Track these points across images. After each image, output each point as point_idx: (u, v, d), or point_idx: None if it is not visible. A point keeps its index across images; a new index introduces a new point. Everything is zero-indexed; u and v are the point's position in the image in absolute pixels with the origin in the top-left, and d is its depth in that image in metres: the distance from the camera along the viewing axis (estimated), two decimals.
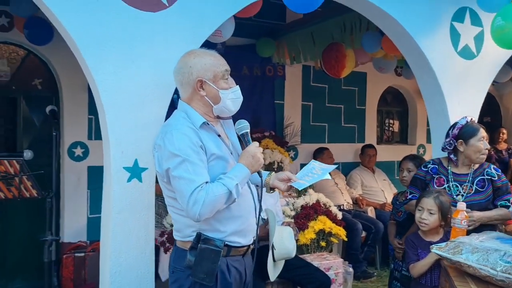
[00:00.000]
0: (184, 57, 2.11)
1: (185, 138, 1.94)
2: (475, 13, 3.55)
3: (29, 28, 4.21)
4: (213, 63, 2.08)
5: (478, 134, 2.88)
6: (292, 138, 5.99)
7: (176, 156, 1.92)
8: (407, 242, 2.83)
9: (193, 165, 1.92)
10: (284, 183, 2.22)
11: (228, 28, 3.59)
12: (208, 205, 1.89)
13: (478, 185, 2.91)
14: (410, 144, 7.22)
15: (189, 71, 2.05)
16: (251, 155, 2.04)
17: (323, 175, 2.26)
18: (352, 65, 5.01)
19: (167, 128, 2.01)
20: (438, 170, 3.01)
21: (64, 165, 4.78)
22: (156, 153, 2.02)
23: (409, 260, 2.77)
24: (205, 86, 2.06)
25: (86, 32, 2.39)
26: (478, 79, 3.63)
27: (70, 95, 4.78)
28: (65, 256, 4.32)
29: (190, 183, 1.89)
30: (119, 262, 2.51)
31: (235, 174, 1.98)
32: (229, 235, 2.04)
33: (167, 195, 2.09)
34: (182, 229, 2.07)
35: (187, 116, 2.05)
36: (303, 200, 4.76)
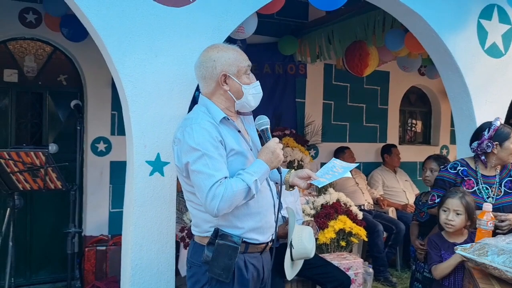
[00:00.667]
0: (206, 51, 2.10)
1: (205, 133, 1.93)
2: (503, 10, 3.47)
3: (67, 26, 4.33)
4: (236, 57, 2.07)
5: (510, 136, 2.86)
6: (313, 137, 5.96)
7: (196, 150, 1.91)
8: (430, 243, 2.77)
9: (212, 160, 1.91)
10: (303, 181, 2.19)
11: (251, 25, 3.59)
12: (227, 201, 1.88)
13: (506, 187, 2.87)
14: (433, 145, 7.11)
15: (212, 65, 2.04)
16: (270, 151, 2.03)
17: (344, 173, 2.23)
18: (375, 63, 4.95)
19: (187, 122, 2.00)
20: (467, 172, 2.95)
21: (87, 159, 4.85)
22: (176, 147, 2.02)
23: (431, 261, 2.72)
24: (229, 80, 2.06)
25: (111, 26, 2.42)
26: (505, 78, 3.55)
27: (94, 91, 4.86)
28: (87, 249, 4.39)
29: (209, 178, 1.89)
30: (140, 255, 2.53)
31: (254, 170, 1.97)
32: (247, 231, 2.03)
33: (186, 190, 2.09)
34: (200, 224, 2.07)
35: (208, 110, 2.04)
36: (323, 199, 4.72)
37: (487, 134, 2.87)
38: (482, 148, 2.88)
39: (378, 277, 4.86)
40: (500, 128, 2.87)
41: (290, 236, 2.96)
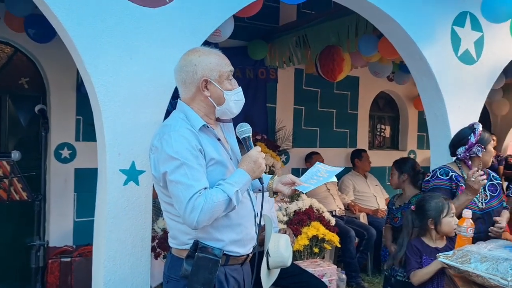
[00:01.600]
0: (187, 54, 2.00)
1: (184, 141, 1.83)
2: (475, 17, 3.53)
3: (32, 27, 4.11)
4: (218, 62, 1.98)
5: (491, 139, 2.95)
6: (284, 142, 5.93)
7: (174, 159, 1.81)
8: (410, 248, 2.73)
9: (192, 170, 1.81)
10: (287, 187, 2.12)
11: (228, 28, 3.51)
12: (207, 212, 1.79)
13: (490, 190, 2.91)
14: (401, 150, 7.22)
15: (193, 70, 1.94)
16: (252, 161, 1.93)
17: (329, 177, 2.17)
18: (348, 69, 4.98)
19: (165, 129, 1.89)
20: (459, 178, 2.93)
21: (50, 167, 4.63)
22: (153, 155, 1.90)
23: (410, 267, 2.69)
24: (210, 86, 1.96)
25: (83, 27, 2.29)
26: (478, 84, 3.61)
27: (58, 95, 4.66)
28: (51, 261, 4.16)
29: (188, 189, 1.79)
30: (113, 270, 2.39)
31: (235, 180, 1.88)
32: (227, 244, 1.94)
33: (163, 200, 1.97)
34: (178, 236, 1.96)
35: (186, 117, 1.94)
36: (296, 205, 4.68)
37: (473, 139, 2.89)
38: (472, 153, 2.90)
39: (351, 282, 4.84)
40: (483, 132, 2.92)
41: (267, 245, 2.89)
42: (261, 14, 4.16)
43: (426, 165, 6.03)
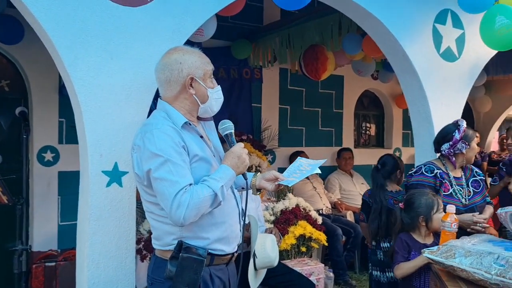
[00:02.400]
0: (170, 53, 1.99)
1: (167, 138, 1.83)
2: (456, 15, 3.55)
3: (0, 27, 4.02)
4: (202, 60, 2.00)
5: (474, 136, 2.99)
6: (270, 142, 5.93)
7: (158, 156, 1.80)
8: (399, 242, 2.73)
9: (176, 166, 1.80)
10: (271, 183, 2.13)
11: (210, 27, 3.49)
12: (193, 209, 1.78)
13: (473, 186, 2.93)
14: (386, 148, 7.26)
15: (179, 68, 1.94)
16: (236, 156, 1.95)
17: (313, 170, 2.18)
18: (332, 67, 4.99)
19: (147, 128, 1.89)
20: (443, 175, 2.95)
21: (33, 170, 4.56)
22: (135, 154, 1.89)
23: (396, 260, 2.70)
24: (195, 84, 1.97)
25: (62, 27, 2.24)
26: (460, 81, 3.64)
27: (40, 97, 4.59)
28: (35, 266, 4.10)
29: (174, 185, 1.78)
30: (97, 273, 2.35)
31: (220, 175, 1.88)
32: (212, 242, 1.93)
33: (146, 200, 1.95)
34: (162, 237, 1.94)
35: (168, 115, 1.94)
36: (283, 204, 4.69)
37: (458, 135, 2.91)
38: (457, 149, 2.92)
39: (338, 280, 4.86)
40: (467, 129, 2.95)
41: (253, 246, 2.88)
42: (245, 14, 4.17)
43: (411, 162, 6.08)
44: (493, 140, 8.36)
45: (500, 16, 2.90)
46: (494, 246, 2.23)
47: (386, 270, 3.33)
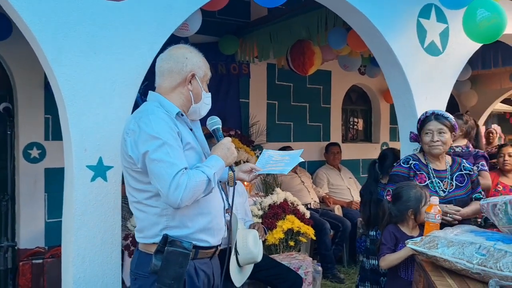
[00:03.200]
0: (178, 47, 2.07)
1: (163, 123, 1.87)
2: (440, 10, 3.59)
3: None
4: (205, 64, 2.09)
5: (425, 126, 2.92)
6: (258, 137, 5.93)
7: (156, 138, 1.83)
8: (386, 233, 2.73)
9: (173, 149, 1.84)
10: (247, 174, 2.20)
11: (195, 22, 3.48)
12: (190, 190, 1.81)
13: (457, 180, 2.91)
14: (374, 142, 7.31)
15: (184, 62, 2.01)
16: (226, 147, 2.01)
17: (296, 160, 2.25)
18: (319, 62, 5.01)
19: (141, 114, 1.92)
20: (419, 167, 2.96)
21: (19, 167, 4.53)
22: (129, 138, 1.90)
23: (382, 252, 2.72)
24: (194, 81, 2.04)
25: (45, 21, 2.23)
26: (444, 75, 3.68)
27: (25, 93, 4.55)
28: (22, 263, 4.07)
29: (172, 167, 1.81)
30: (83, 268, 2.35)
31: (212, 164, 1.93)
32: (197, 231, 1.94)
33: (133, 188, 1.95)
34: (147, 228, 1.95)
35: (161, 105, 1.98)
36: (271, 199, 4.70)
37: (418, 126, 3.00)
38: (420, 140, 3.00)
39: (327, 274, 4.89)
40: (420, 120, 3.00)
41: (233, 242, 2.89)
42: (232, 9, 4.17)
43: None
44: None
45: (481, 9, 2.94)
46: (476, 236, 2.26)
47: (370, 257, 3.38)
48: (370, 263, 3.37)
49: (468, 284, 2.02)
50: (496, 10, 2.93)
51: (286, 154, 2.29)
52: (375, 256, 3.30)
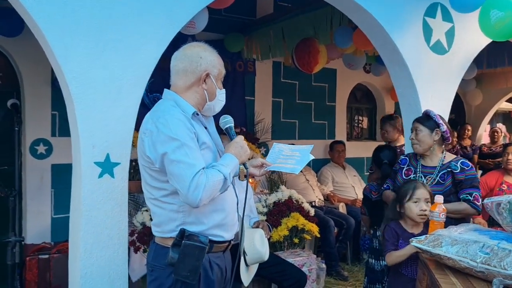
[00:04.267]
0: (193, 46, 2.08)
1: (180, 123, 1.90)
2: (446, 9, 3.59)
3: None
4: (219, 61, 2.11)
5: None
6: (263, 135, 5.95)
7: (174, 139, 1.87)
8: (388, 231, 2.77)
9: (191, 150, 1.88)
10: (258, 169, 2.22)
11: (202, 20, 3.50)
12: (208, 190, 1.85)
13: (440, 178, 2.99)
14: (378, 141, 7.27)
15: (198, 61, 2.03)
16: (239, 146, 2.04)
17: (307, 157, 2.25)
18: (324, 61, 5.01)
19: (158, 114, 1.95)
20: (408, 162, 3.15)
21: (26, 163, 4.56)
22: (147, 138, 1.93)
23: (386, 248, 2.75)
24: (208, 80, 2.06)
25: (53, 18, 2.25)
26: (449, 74, 3.68)
27: (32, 90, 4.58)
28: (29, 258, 4.11)
29: (191, 167, 1.84)
30: (90, 263, 2.38)
31: (227, 162, 1.97)
32: (212, 227, 1.99)
33: (150, 186, 2.00)
34: (164, 224, 2.00)
35: (177, 104, 2.00)
36: (276, 196, 4.71)
37: None
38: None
39: (331, 271, 4.91)
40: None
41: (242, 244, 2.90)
42: (238, 7, 4.18)
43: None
44: (484, 133, 8.43)
45: (493, 10, 2.94)
46: (479, 235, 2.27)
47: (380, 258, 3.40)
48: (380, 264, 3.37)
49: (472, 283, 2.03)
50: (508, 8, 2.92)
51: (297, 149, 2.29)
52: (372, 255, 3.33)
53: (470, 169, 3.02)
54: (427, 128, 3.02)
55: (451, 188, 2.96)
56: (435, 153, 3.05)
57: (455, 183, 2.96)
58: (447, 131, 3.03)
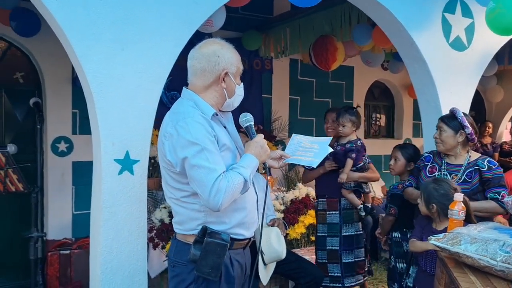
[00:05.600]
0: (210, 44, 2.05)
1: (200, 127, 1.90)
2: (465, 4, 3.54)
3: (16, 19, 4.10)
4: (236, 58, 2.08)
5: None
6: (280, 132, 5.95)
7: (195, 144, 1.87)
8: (419, 219, 2.82)
9: (212, 154, 1.88)
10: (276, 161, 2.22)
11: (219, 18, 3.52)
12: (229, 194, 1.86)
13: (467, 176, 2.94)
14: (396, 138, 7.25)
15: (216, 60, 2.00)
16: (259, 145, 2.03)
17: (324, 149, 2.25)
18: (342, 58, 4.99)
19: (179, 116, 1.94)
20: (432, 159, 3.10)
21: (47, 160, 4.66)
22: (167, 142, 1.94)
23: (413, 234, 2.77)
24: (227, 78, 2.04)
25: (74, 18, 2.30)
26: (469, 70, 3.63)
27: (53, 88, 4.66)
28: (50, 253, 4.21)
29: (212, 172, 1.85)
30: (110, 258, 2.43)
31: (247, 163, 1.96)
32: (233, 226, 2.01)
33: (171, 186, 2.01)
34: (185, 222, 2.01)
35: (196, 105, 2.00)
36: (293, 194, 4.72)
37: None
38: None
39: None
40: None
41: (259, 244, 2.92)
42: (255, 5, 4.18)
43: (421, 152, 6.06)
44: (505, 131, 8.28)
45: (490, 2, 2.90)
46: (500, 233, 2.24)
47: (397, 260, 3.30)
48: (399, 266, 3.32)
49: (492, 282, 2.01)
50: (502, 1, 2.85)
51: (316, 141, 2.29)
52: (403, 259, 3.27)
53: (497, 168, 2.98)
54: (451, 129, 2.97)
55: (478, 186, 2.92)
56: (459, 152, 3.01)
57: (482, 182, 2.92)
58: (471, 133, 2.96)
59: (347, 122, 3.61)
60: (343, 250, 3.60)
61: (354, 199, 3.63)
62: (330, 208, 3.69)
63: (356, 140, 3.65)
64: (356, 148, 3.59)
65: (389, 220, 3.41)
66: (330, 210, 3.69)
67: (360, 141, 3.68)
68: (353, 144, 3.61)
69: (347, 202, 3.65)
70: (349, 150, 3.57)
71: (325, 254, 3.67)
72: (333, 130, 3.81)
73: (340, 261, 3.60)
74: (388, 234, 3.46)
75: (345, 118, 3.61)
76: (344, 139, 3.68)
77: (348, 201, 3.64)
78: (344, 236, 3.61)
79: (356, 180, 3.61)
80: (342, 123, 3.62)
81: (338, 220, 3.64)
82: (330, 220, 3.68)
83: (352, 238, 3.63)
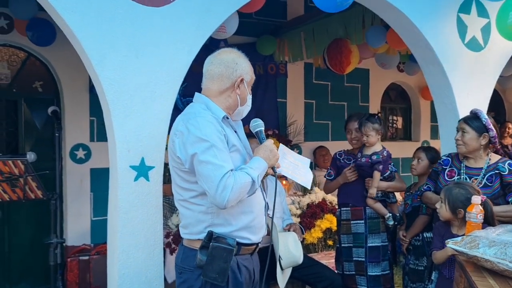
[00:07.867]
0: (227, 52, 2.13)
1: (211, 125, 1.94)
2: (481, 4, 3.50)
3: (32, 29, 4.19)
4: (250, 68, 2.16)
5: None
6: (296, 137, 5.95)
7: (204, 141, 1.90)
8: (436, 229, 2.76)
9: (220, 152, 1.91)
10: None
11: (232, 24, 3.54)
12: (236, 192, 1.88)
13: (488, 180, 2.85)
14: (414, 141, 7.17)
15: (234, 67, 2.08)
16: (269, 149, 2.07)
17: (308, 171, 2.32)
18: (356, 60, 4.97)
19: (189, 116, 1.99)
20: (451, 163, 3.01)
21: (66, 167, 4.73)
22: (177, 139, 1.98)
23: (433, 246, 2.71)
24: (241, 86, 2.11)
25: (89, 28, 2.34)
26: (486, 71, 3.58)
27: (71, 97, 4.74)
28: (70, 259, 4.27)
29: (220, 169, 1.88)
30: (127, 264, 2.45)
31: (256, 165, 1.99)
32: (240, 229, 2.02)
33: (180, 187, 2.04)
34: (192, 225, 2.03)
35: (207, 107, 2.05)
36: (309, 198, 4.72)
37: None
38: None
39: None
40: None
41: (277, 249, 2.92)
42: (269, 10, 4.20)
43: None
44: None
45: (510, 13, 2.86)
46: None
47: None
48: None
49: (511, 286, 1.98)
50: None
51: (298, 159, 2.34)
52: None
53: None
54: (474, 131, 2.84)
55: (500, 190, 2.83)
56: (480, 155, 2.90)
57: (503, 186, 2.83)
58: (495, 137, 2.87)
59: (370, 131, 3.39)
60: (369, 262, 3.43)
61: (382, 208, 3.45)
62: (354, 217, 3.49)
63: (382, 150, 3.45)
64: (383, 159, 3.40)
65: (424, 221, 3.32)
66: (354, 219, 3.49)
67: (385, 150, 3.48)
68: (379, 156, 3.39)
69: (372, 210, 3.46)
70: (376, 162, 3.37)
71: (353, 266, 3.49)
72: (358, 141, 3.58)
73: (366, 274, 3.43)
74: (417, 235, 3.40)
75: (368, 127, 3.39)
76: (369, 150, 3.45)
77: (375, 211, 3.46)
78: (369, 247, 3.43)
79: (384, 189, 3.46)
80: (366, 132, 3.40)
81: (364, 229, 3.46)
82: (355, 229, 3.48)
83: (378, 250, 3.44)
